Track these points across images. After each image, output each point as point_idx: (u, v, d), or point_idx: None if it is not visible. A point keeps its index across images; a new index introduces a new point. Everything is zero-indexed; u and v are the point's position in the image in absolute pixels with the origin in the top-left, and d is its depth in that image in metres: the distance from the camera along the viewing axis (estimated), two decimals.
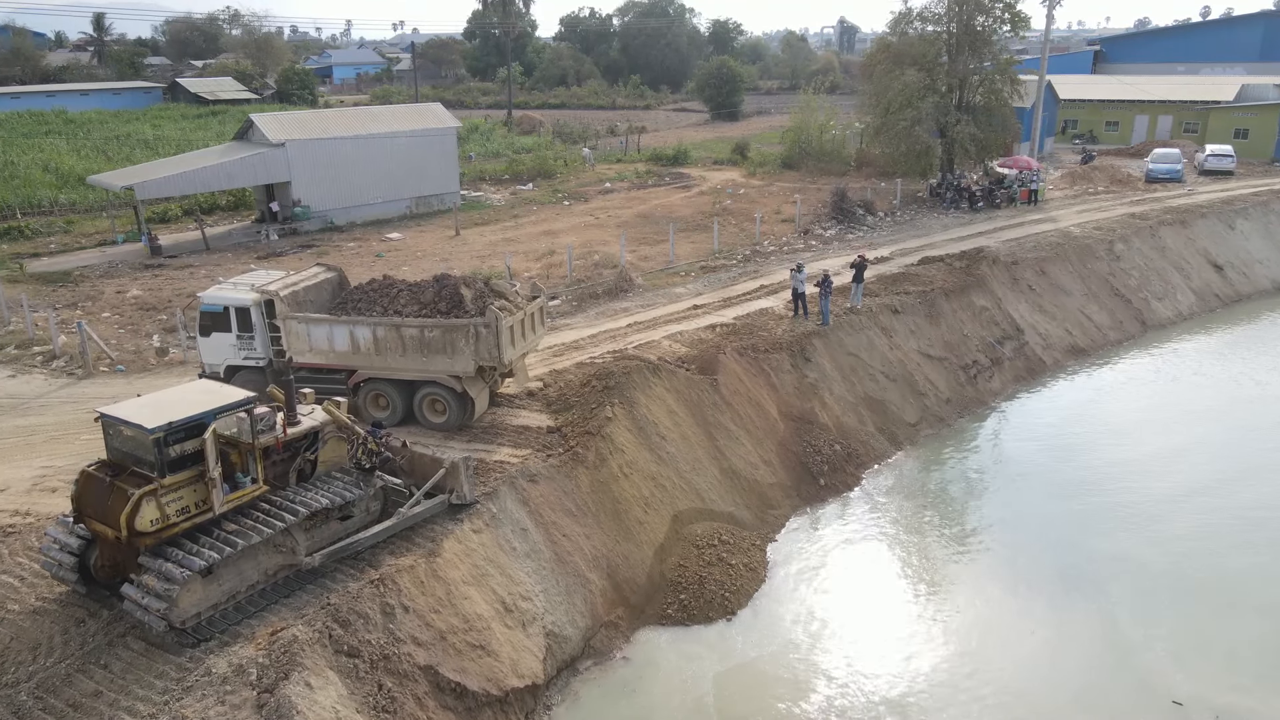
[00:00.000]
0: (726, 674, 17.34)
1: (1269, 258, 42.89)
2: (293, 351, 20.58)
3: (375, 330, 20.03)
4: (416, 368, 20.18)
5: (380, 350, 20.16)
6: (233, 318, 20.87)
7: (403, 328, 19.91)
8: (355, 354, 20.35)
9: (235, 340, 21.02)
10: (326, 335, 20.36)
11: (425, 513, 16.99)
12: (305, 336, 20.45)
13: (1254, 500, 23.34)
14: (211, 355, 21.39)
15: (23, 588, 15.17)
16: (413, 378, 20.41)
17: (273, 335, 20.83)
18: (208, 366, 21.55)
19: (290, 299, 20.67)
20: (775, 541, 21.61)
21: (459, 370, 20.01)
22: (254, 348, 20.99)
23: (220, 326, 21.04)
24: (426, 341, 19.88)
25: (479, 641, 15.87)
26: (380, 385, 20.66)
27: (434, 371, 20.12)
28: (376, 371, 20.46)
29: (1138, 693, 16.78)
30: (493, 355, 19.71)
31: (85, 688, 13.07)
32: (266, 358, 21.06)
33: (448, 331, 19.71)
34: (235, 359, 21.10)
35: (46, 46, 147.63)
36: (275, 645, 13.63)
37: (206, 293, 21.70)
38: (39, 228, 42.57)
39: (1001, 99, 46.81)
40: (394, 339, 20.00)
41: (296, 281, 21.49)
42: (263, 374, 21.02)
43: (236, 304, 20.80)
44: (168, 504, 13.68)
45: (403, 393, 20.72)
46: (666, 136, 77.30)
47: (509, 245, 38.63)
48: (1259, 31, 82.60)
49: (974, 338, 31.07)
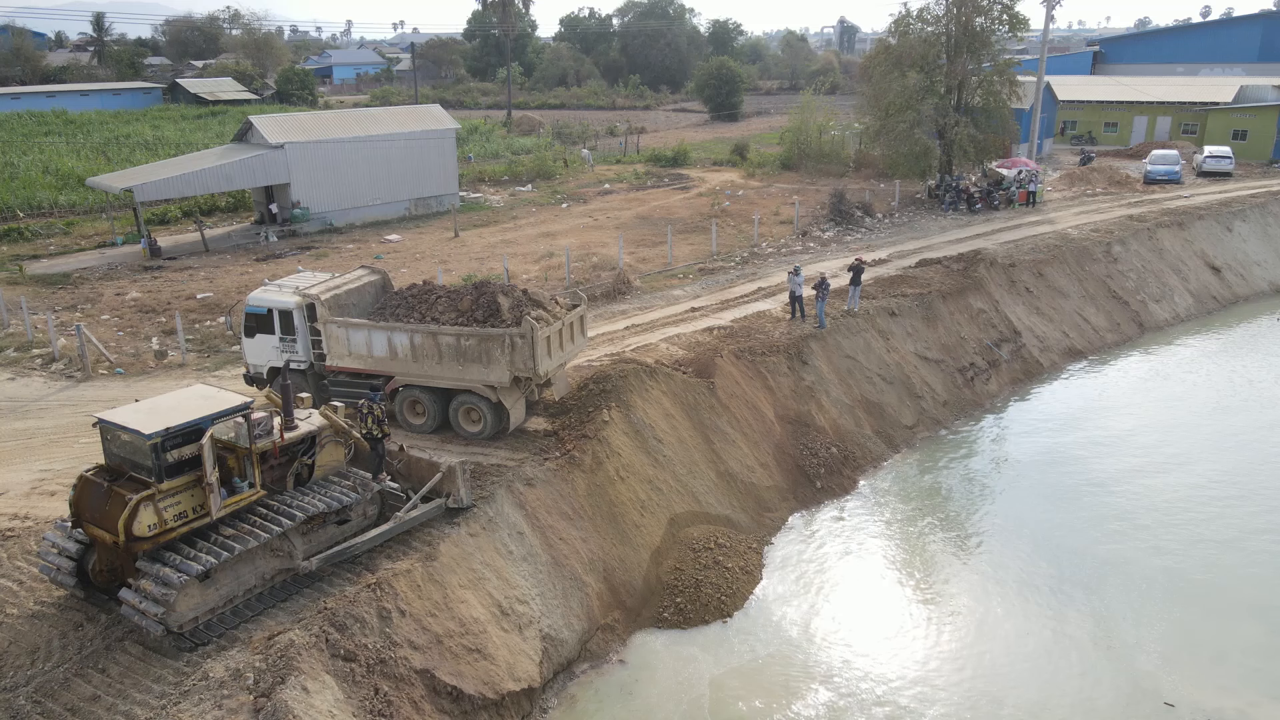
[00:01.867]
0: (723, 677, 17.41)
1: (1267, 260, 42.93)
2: (332, 356, 20.61)
3: (412, 337, 19.90)
4: (452, 376, 19.99)
5: (417, 357, 20.02)
6: (276, 320, 20.94)
7: (439, 335, 19.73)
8: (393, 360, 20.25)
9: (278, 342, 21.08)
10: (365, 340, 20.31)
11: (422, 517, 17.07)
12: (344, 341, 20.44)
13: (1249, 503, 23.40)
14: (255, 356, 21.46)
15: (21, 592, 15.26)
16: (448, 386, 20.20)
17: (314, 338, 20.86)
18: (252, 367, 21.62)
19: (332, 302, 20.63)
20: (771, 544, 21.67)
21: (494, 380, 19.74)
22: (296, 350, 21.03)
23: (264, 328, 21.13)
24: (462, 350, 19.69)
25: (475, 645, 15.95)
26: (416, 392, 20.53)
27: (469, 380, 19.88)
28: (413, 378, 20.31)
29: (1130, 694, 16.89)
30: (528, 366, 19.46)
31: (83, 692, 13.16)
32: (308, 360, 21.09)
33: (483, 341, 19.48)
34: (278, 360, 21.10)
35: (46, 47, 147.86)
36: (272, 649, 13.71)
37: (252, 294, 21.79)
38: (38, 229, 42.71)
39: (1000, 100, 46.85)
40: (430, 346, 19.85)
41: (339, 284, 21.42)
42: (304, 376, 21.10)
43: (280, 306, 20.85)
44: (165, 509, 13.78)
45: (438, 401, 20.55)
46: (666, 137, 77.32)
47: (507, 247, 38.72)
48: (1258, 32, 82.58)
49: (971, 340, 31.13)
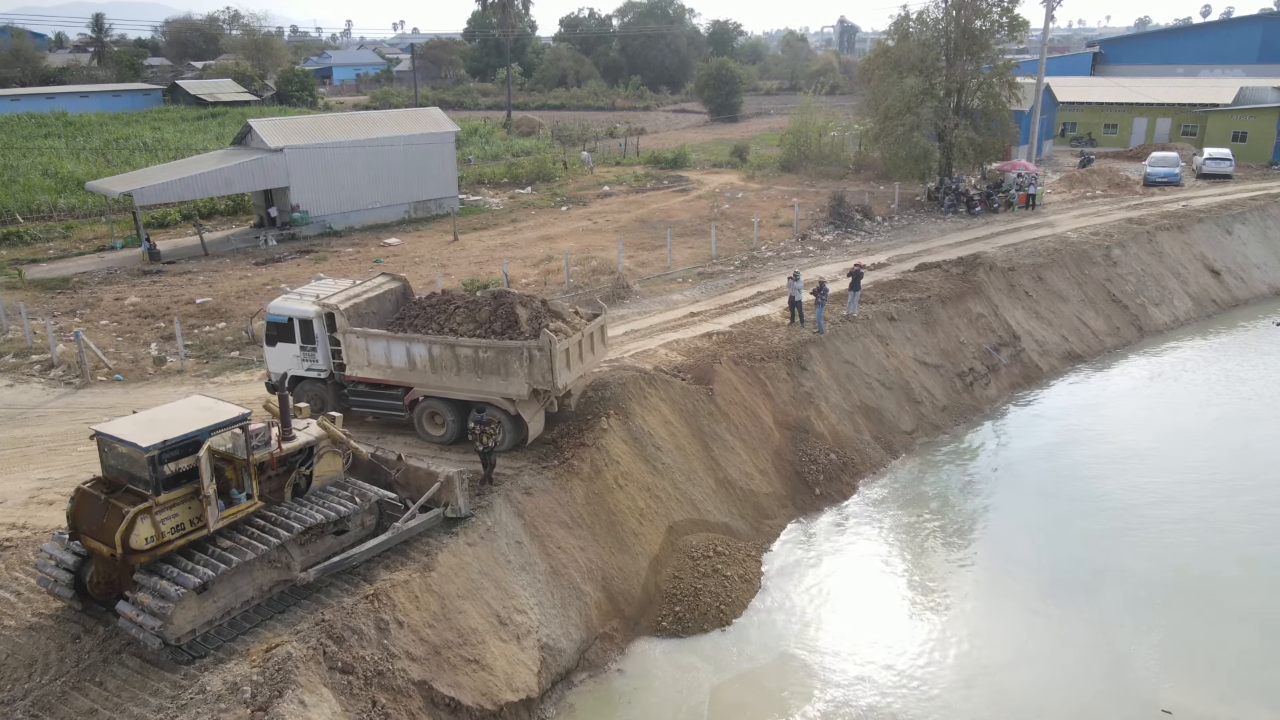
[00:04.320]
0: (722, 685, 17.41)
1: (1266, 263, 42.88)
2: (352, 366, 20.51)
3: (431, 349, 19.74)
4: (471, 388, 19.76)
5: (435, 369, 19.86)
6: (296, 329, 20.83)
7: (458, 347, 19.58)
8: (411, 371, 20.11)
9: (299, 351, 20.98)
10: (384, 351, 20.17)
11: (420, 527, 17.06)
12: (364, 351, 20.33)
13: (1248, 510, 23.38)
14: (276, 365, 21.31)
15: (19, 603, 15.25)
16: (467, 398, 19.92)
17: (334, 348, 20.74)
18: (273, 375, 21.42)
19: (351, 311, 20.51)
20: (770, 551, 21.67)
21: (513, 393, 19.53)
22: (316, 359, 20.93)
23: (285, 337, 21.01)
24: (480, 362, 19.52)
25: (473, 656, 15.94)
26: (435, 404, 20.35)
27: (488, 393, 19.65)
28: (432, 390, 20.14)
29: (1127, 701, 16.92)
30: (546, 379, 19.24)
31: (80, 705, 13.14)
32: (328, 369, 20.98)
33: (501, 353, 19.31)
34: (299, 369, 21.02)
35: (46, 48, 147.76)
36: (270, 662, 13.69)
37: (273, 302, 21.72)
38: (38, 233, 42.65)
39: (1000, 103, 46.81)
40: (449, 358, 19.70)
41: (359, 293, 21.31)
42: (324, 385, 21.04)
43: (300, 315, 20.72)
44: (163, 521, 13.76)
45: (457, 412, 20.27)
46: (666, 138, 77.29)
47: (507, 251, 38.69)
48: (1258, 33, 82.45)
49: (970, 345, 31.10)
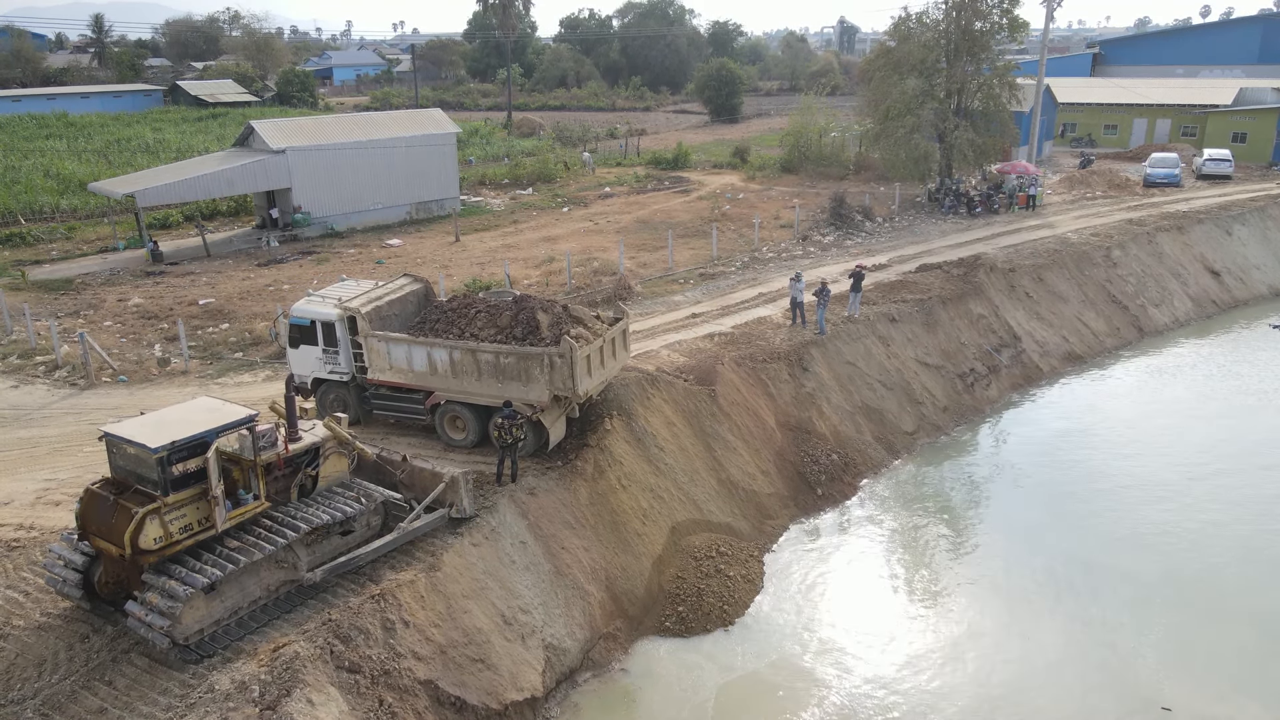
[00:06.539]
0: (725, 685, 17.51)
1: (1266, 263, 42.99)
2: (374, 369, 20.53)
3: (452, 353, 19.70)
4: (492, 393, 19.67)
5: (456, 374, 19.82)
6: (319, 332, 20.86)
7: (479, 352, 19.49)
8: (432, 375, 20.09)
9: (321, 354, 21.03)
10: (405, 355, 20.16)
11: (425, 527, 17.15)
12: (385, 355, 20.33)
13: (1249, 510, 23.47)
14: (300, 367, 21.40)
15: (28, 603, 15.36)
16: (488, 403, 19.85)
17: (356, 351, 20.75)
18: (297, 377, 21.42)
19: (373, 314, 20.50)
20: (773, 552, 21.77)
21: (534, 399, 19.43)
22: (338, 362, 20.97)
23: (308, 339, 21.07)
24: (501, 368, 19.46)
25: (479, 655, 16.05)
26: (456, 408, 20.33)
27: (509, 399, 19.49)
28: (453, 394, 20.10)
29: (1128, 698, 17.02)
30: (567, 386, 19.16)
31: (90, 704, 13.25)
32: (350, 372, 21.00)
33: (522, 359, 19.25)
34: (321, 372, 21.09)
35: (46, 48, 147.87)
36: (277, 661, 13.80)
37: (296, 305, 21.76)
38: (40, 234, 42.77)
39: (1000, 104, 46.94)
40: (469, 363, 19.65)
41: (381, 295, 21.29)
42: (346, 388, 21.08)
43: (322, 318, 20.74)
44: (171, 522, 13.87)
45: (478, 417, 20.20)
46: (666, 139, 77.38)
47: (508, 252, 38.80)
48: (1258, 33, 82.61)
49: (971, 346, 31.21)
